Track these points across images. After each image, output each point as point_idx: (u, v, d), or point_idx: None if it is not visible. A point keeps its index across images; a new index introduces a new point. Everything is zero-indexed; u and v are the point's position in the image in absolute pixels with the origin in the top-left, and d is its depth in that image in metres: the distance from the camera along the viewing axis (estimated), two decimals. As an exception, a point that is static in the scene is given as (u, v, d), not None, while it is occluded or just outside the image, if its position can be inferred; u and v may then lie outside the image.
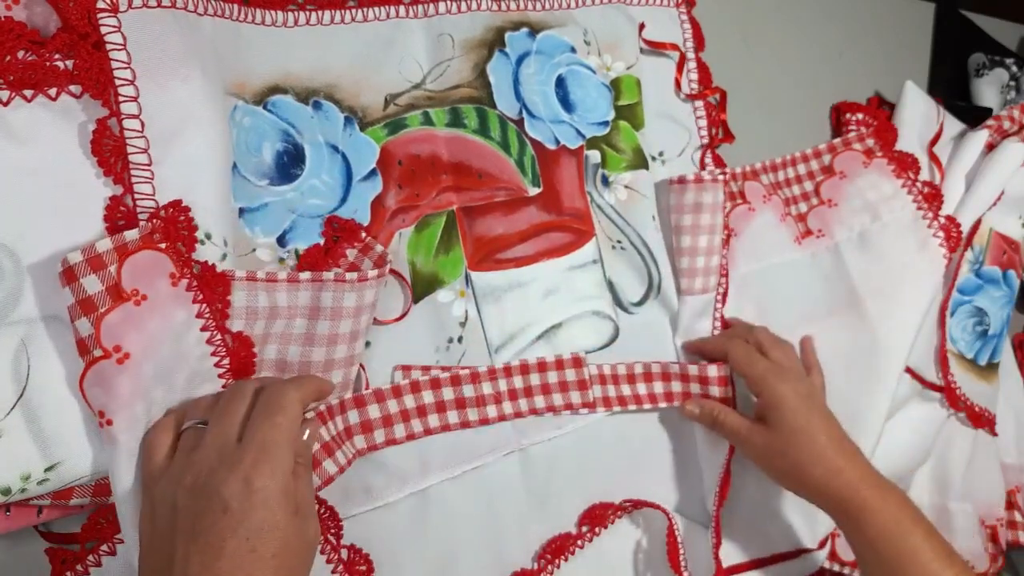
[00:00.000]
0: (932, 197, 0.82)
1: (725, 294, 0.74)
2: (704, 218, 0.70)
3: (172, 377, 0.47)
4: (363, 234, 0.57)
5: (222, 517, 0.40)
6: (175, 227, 0.47)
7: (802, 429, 0.62)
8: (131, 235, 0.45)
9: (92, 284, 0.43)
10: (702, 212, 0.70)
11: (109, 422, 0.44)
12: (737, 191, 0.78)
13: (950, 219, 0.81)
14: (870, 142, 0.84)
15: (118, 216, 0.47)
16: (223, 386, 0.49)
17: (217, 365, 0.49)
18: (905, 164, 0.83)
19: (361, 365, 0.58)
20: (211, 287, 0.49)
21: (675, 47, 0.77)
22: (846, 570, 0.81)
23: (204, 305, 0.48)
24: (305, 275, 0.52)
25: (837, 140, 0.85)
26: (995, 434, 0.89)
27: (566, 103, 0.69)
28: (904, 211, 0.81)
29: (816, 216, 0.82)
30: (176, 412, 0.47)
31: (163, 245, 0.46)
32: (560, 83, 0.68)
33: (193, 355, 0.48)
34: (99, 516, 0.48)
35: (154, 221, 0.46)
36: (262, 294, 0.51)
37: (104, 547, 0.48)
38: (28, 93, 0.45)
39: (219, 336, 0.49)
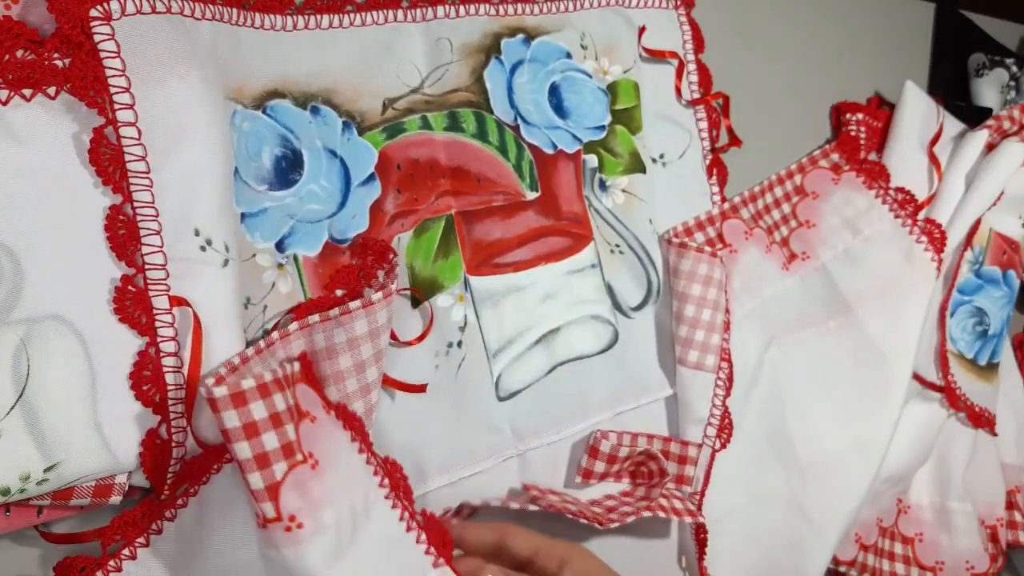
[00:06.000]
0: (907, 202, 0.81)
1: (730, 382, 0.72)
2: (711, 292, 0.70)
3: (352, 492, 0.48)
4: (391, 255, 0.57)
5: None
6: (309, 370, 0.51)
7: None
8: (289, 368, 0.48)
9: (277, 401, 0.45)
10: (711, 286, 0.70)
11: (299, 526, 0.44)
12: (715, 235, 0.77)
13: (930, 221, 0.81)
14: (835, 156, 0.84)
15: (119, 226, 0.47)
16: (391, 507, 0.51)
17: (381, 485, 0.51)
18: (874, 174, 0.83)
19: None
20: (349, 421, 0.52)
21: (674, 55, 0.77)
22: (842, 568, 0.82)
23: (353, 433, 0.51)
24: (314, 318, 0.53)
25: (804, 159, 0.84)
26: (995, 434, 0.89)
27: (560, 110, 0.68)
28: (883, 221, 0.81)
29: (798, 238, 0.81)
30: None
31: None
32: (554, 91, 0.68)
33: (361, 474, 0.50)
34: (122, 520, 0.48)
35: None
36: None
37: (126, 551, 0.48)
38: (27, 92, 0.45)
39: (374, 458, 0.52)
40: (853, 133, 0.86)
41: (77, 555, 0.47)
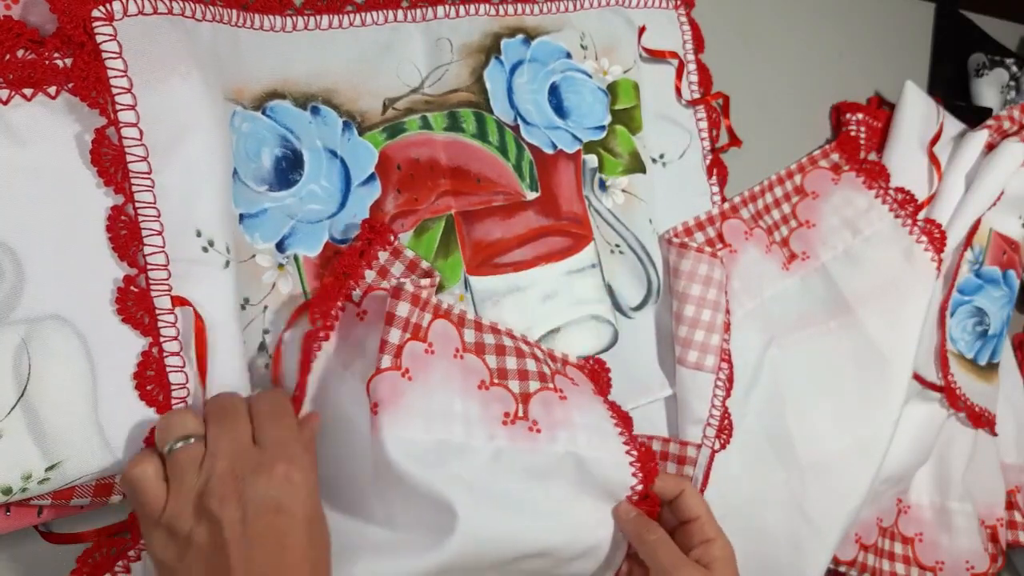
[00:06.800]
0: (906, 202, 0.81)
1: (729, 382, 0.71)
2: (711, 292, 0.70)
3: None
4: (392, 237, 0.57)
5: (276, 517, 0.42)
6: None
7: None
8: None
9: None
10: (711, 286, 0.70)
11: (538, 431, 0.56)
12: (715, 235, 0.77)
13: (929, 221, 0.81)
14: (835, 157, 0.84)
15: (121, 226, 0.47)
16: (619, 434, 0.59)
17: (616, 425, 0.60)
18: (874, 174, 0.83)
19: None
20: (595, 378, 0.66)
21: (674, 55, 0.77)
22: (842, 568, 0.82)
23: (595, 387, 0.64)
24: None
25: (804, 159, 0.84)
26: (995, 434, 0.89)
27: (560, 110, 0.68)
28: (882, 221, 0.81)
29: (798, 238, 0.81)
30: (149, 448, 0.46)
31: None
32: (554, 91, 0.68)
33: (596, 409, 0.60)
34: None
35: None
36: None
37: None
38: (28, 92, 0.45)
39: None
40: (853, 133, 0.86)
41: (101, 540, 0.48)
